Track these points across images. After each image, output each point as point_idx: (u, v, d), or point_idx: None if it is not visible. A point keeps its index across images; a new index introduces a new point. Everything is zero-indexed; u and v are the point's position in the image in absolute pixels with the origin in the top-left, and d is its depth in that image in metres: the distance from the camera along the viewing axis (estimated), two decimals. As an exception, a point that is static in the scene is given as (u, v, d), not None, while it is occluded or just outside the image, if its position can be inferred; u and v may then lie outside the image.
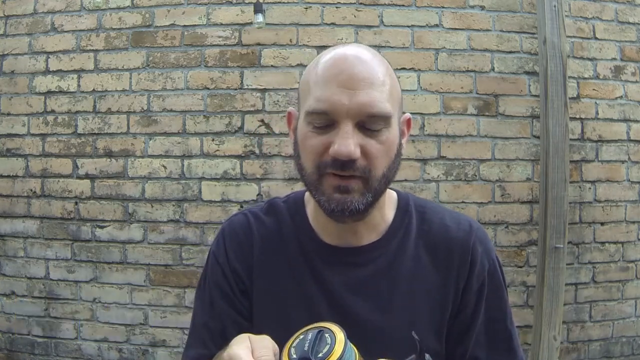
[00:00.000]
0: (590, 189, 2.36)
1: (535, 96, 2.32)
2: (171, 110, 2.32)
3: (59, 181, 2.36)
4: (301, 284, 0.84)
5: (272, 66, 2.30)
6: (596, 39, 2.39)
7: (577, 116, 2.35)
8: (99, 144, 2.35)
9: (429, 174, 2.30)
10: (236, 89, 2.30)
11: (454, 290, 0.83)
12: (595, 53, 2.38)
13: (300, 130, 0.79)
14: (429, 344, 0.80)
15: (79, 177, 2.36)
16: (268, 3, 2.28)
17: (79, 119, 2.36)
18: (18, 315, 2.38)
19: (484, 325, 0.84)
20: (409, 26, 2.31)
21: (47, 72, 2.38)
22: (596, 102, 2.38)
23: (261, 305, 0.86)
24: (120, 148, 2.34)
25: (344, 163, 0.73)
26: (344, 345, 0.58)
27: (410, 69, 2.30)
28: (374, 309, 0.81)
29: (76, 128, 2.36)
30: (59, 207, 2.36)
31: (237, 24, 2.31)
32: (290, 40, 2.30)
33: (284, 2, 2.30)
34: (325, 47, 0.82)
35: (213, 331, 0.86)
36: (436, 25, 2.32)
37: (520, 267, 2.32)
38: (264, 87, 2.30)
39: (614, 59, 2.40)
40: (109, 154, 2.34)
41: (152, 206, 2.32)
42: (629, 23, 2.42)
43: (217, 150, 2.31)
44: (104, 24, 2.36)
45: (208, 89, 2.31)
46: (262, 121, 2.30)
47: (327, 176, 0.75)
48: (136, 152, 2.33)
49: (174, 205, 2.31)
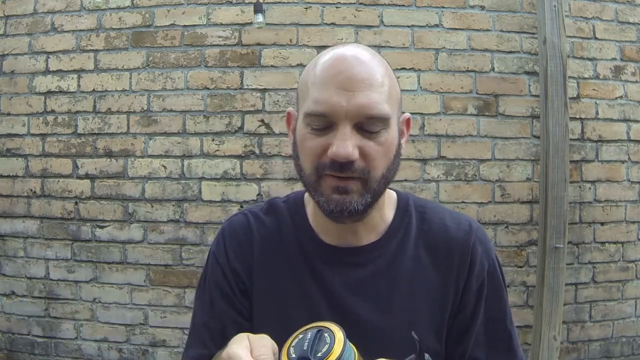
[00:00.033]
0: (590, 189, 2.36)
1: (535, 96, 2.32)
2: (171, 110, 2.32)
3: (59, 181, 2.37)
4: (301, 284, 0.84)
5: (272, 66, 2.30)
6: (596, 39, 2.39)
7: (577, 116, 2.35)
8: (99, 144, 2.35)
9: (429, 174, 2.30)
10: (236, 89, 2.30)
11: (453, 290, 0.83)
12: (595, 53, 2.38)
13: (299, 131, 0.79)
14: (428, 344, 0.80)
15: (79, 177, 2.36)
16: (268, 3, 2.28)
17: (79, 119, 2.36)
18: (18, 315, 2.38)
19: (484, 325, 0.84)
20: (409, 26, 2.31)
21: (47, 72, 2.38)
22: (596, 102, 2.38)
23: (261, 305, 0.86)
24: (120, 148, 2.34)
25: (342, 165, 0.73)
26: (343, 345, 0.58)
27: (410, 69, 2.30)
28: (373, 309, 0.81)
29: (76, 128, 2.36)
30: (59, 207, 2.36)
31: (237, 24, 2.31)
32: (290, 40, 2.30)
33: (284, 2, 2.30)
34: (325, 47, 0.82)
35: (213, 331, 0.86)
36: (436, 25, 2.32)
37: (520, 267, 2.32)
38: (264, 87, 2.30)
39: (614, 59, 2.40)
40: (109, 154, 2.34)
41: (152, 206, 2.32)
42: (629, 23, 2.42)
43: (217, 150, 2.31)
44: (104, 24, 2.36)
45: (208, 89, 2.31)
46: (262, 121, 2.30)
47: (325, 177, 0.75)
48: (136, 152, 2.33)
49: (174, 205, 2.31)
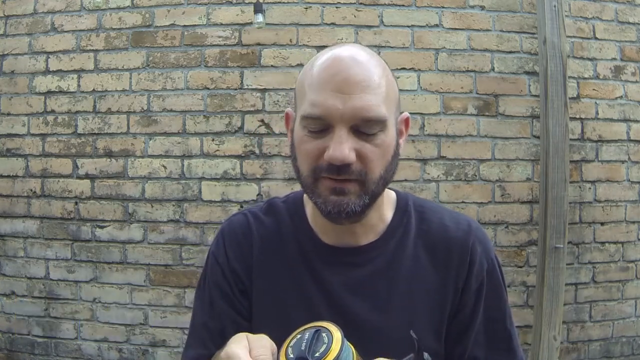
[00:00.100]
0: (590, 189, 2.36)
1: (535, 96, 2.31)
2: (171, 110, 2.32)
3: (59, 181, 2.37)
4: (300, 284, 0.84)
5: (272, 66, 2.30)
6: (596, 39, 2.39)
7: (577, 116, 2.35)
8: (99, 144, 2.35)
9: (429, 174, 2.30)
10: (236, 89, 2.31)
11: (452, 290, 0.83)
12: (595, 53, 2.38)
13: (296, 133, 0.79)
14: (427, 343, 0.80)
15: (79, 177, 2.36)
16: (268, 3, 2.28)
17: (79, 119, 2.36)
18: (18, 315, 2.38)
19: (483, 325, 0.84)
20: (409, 26, 2.31)
21: (47, 72, 2.38)
22: (596, 102, 2.38)
23: (260, 305, 0.86)
24: (120, 148, 2.34)
25: (339, 168, 0.73)
26: (341, 345, 0.58)
27: (410, 69, 2.30)
28: (372, 309, 0.81)
29: (76, 128, 2.36)
30: (59, 207, 2.36)
31: (237, 24, 2.31)
32: (290, 40, 2.30)
33: (284, 2, 2.30)
34: (325, 47, 0.82)
35: (212, 331, 0.86)
36: (436, 25, 2.32)
37: (520, 267, 2.31)
38: (264, 87, 2.30)
39: (614, 59, 2.40)
40: (109, 154, 2.34)
41: (152, 206, 2.32)
42: (629, 23, 2.41)
43: (217, 150, 2.31)
44: (104, 24, 2.36)
45: (208, 89, 2.31)
46: (262, 121, 2.30)
47: (322, 179, 0.75)
48: (136, 152, 2.33)
49: (174, 205, 2.31)
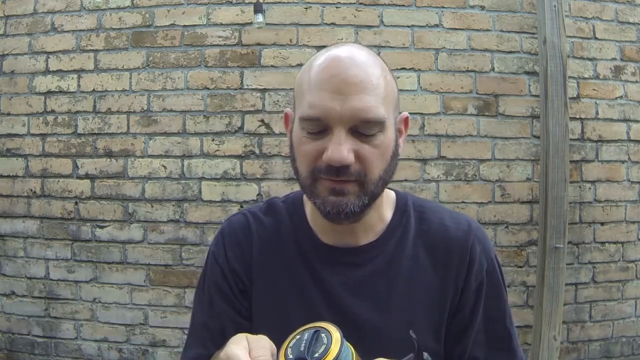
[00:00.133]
0: (590, 189, 2.36)
1: (535, 96, 2.31)
2: (171, 110, 2.32)
3: (59, 181, 2.37)
4: (300, 284, 0.84)
5: (272, 66, 2.30)
6: (596, 39, 2.39)
7: (577, 116, 2.35)
8: (99, 144, 2.35)
9: (429, 174, 2.30)
10: (236, 89, 2.31)
11: (452, 290, 0.83)
12: (595, 53, 2.38)
13: (295, 134, 0.78)
14: (427, 343, 0.80)
15: (79, 177, 2.36)
16: (268, 3, 2.28)
17: (79, 119, 2.36)
18: (18, 315, 2.39)
19: (483, 325, 0.84)
20: (409, 26, 2.31)
21: (47, 72, 2.38)
22: (596, 102, 2.38)
23: (260, 305, 0.86)
24: (120, 148, 2.34)
25: (338, 169, 0.72)
26: (340, 345, 0.58)
27: (410, 69, 2.30)
28: (372, 309, 0.81)
29: (76, 128, 2.36)
30: (59, 207, 2.36)
31: (237, 24, 2.31)
32: (290, 40, 2.30)
33: (284, 2, 2.30)
34: (325, 47, 0.82)
35: (212, 331, 0.86)
36: (436, 25, 2.32)
37: (520, 267, 2.31)
38: (264, 87, 2.30)
39: (614, 59, 2.40)
40: (109, 154, 2.34)
41: (152, 206, 2.32)
42: (629, 23, 2.41)
43: (217, 150, 2.31)
44: (104, 24, 2.36)
45: (208, 89, 2.31)
46: (262, 121, 2.30)
47: (321, 180, 0.75)
48: (136, 152, 2.33)
49: (174, 205, 2.31)
